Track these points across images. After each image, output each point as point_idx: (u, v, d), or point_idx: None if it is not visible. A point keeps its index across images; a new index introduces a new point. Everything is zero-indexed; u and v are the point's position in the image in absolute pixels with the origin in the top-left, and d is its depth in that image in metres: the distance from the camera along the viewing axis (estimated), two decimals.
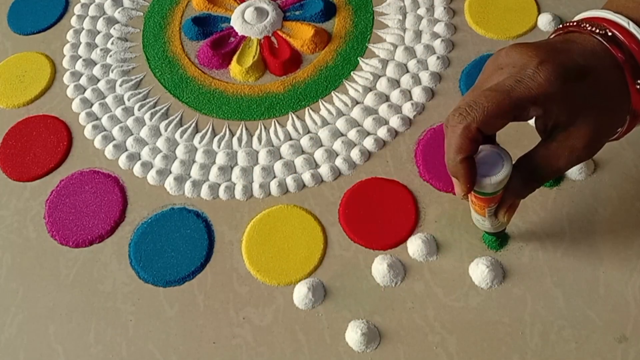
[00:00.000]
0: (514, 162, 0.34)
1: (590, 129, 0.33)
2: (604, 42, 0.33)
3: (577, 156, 0.34)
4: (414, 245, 0.45)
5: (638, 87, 0.33)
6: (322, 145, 0.52)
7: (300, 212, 0.48)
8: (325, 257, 0.46)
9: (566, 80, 0.32)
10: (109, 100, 0.57)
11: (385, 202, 0.48)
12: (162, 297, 0.45)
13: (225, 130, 0.53)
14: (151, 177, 0.51)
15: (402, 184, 0.48)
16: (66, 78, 0.59)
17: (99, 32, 0.62)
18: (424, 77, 0.54)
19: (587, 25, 0.34)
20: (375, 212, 0.47)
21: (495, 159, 0.34)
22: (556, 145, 0.34)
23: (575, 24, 0.35)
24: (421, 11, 0.59)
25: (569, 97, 0.32)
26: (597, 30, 0.34)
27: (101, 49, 0.60)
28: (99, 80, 0.58)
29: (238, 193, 0.49)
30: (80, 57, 0.60)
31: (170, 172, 0.51)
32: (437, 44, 0.56)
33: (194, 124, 0.54)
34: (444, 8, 0.58)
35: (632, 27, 0.33)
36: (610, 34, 0.33)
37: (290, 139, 0.52)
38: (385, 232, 0.46)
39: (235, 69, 0.57)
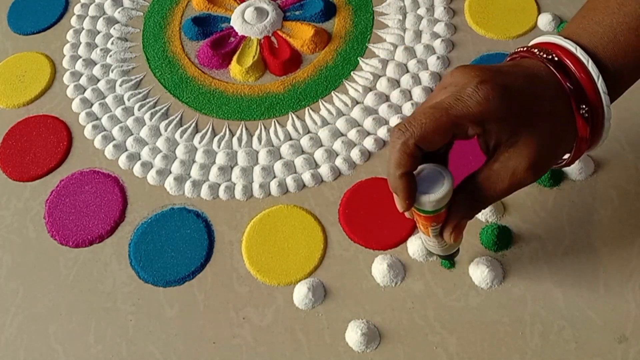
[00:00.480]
0: (462, 182, 0.35)
1: (533, 150, 0.32)
2: (551, 67, 0.33)
3: (519, 179, 0.33)
4: (414, 245, 0.45)
5: (582, 112, 0.33)
6: (322, 145, 0.52)
7: (300, 212, 0.48)
8: (325, 257, 0.46)
9: (506, 99, 0.32)
10: (109, 100, 0.57)
11: (385, 202, 0.47)
12: (162, 297, 0.45)
13: (225, 130, 0.54)
14: (151, 177, 0.51)
15: None
16: (66, 78, 0.59)
17: (99, 32, 0.62)
18: (424, 77, 0.54)
19: (536, 51, 0.34)
20: (375, 212, 0.47)
21: (437, 177, 0.34)
22: (498, 166, 0.33)
23: (526, 49, 0.35)
24: (421, 11, 0.59)
25: (508, 116, 0.32)
26: (545, 55, 0.34)
27: (101, 49, 0.60)
28: (99, 80, 0.58)
29: (238, 193, 0.49)
30: (80, 57, 0.60)
31: (170, 172, 0.51)
32: (437, 44, 0.56)
33: (194, 124, 0.54)
34: (444, 8, 0.58)
35: (579, 52, 0.33)
36: (556, 58, 0.33)
37: (290, 139, 0.52)
38: (385, 232, 0.46)
39: (235, 69, 0.57)
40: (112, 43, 0.61)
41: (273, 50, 0.58)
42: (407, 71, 0.55)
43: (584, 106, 0.33)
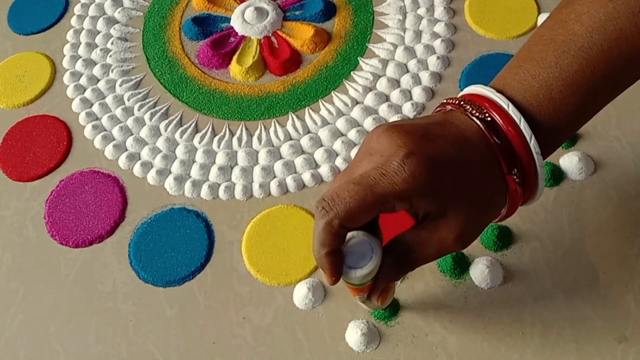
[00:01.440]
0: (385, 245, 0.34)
1: (461, 222, 0.32)
2: (482, 128, 0.32)
3: (446, 247, 0.32)
4: None
5: (514, 176, 0.32)
6: (322, 145, 0.52)
7: (300, 212, 0.48)
8: None
9: (433, 174, 0.31)
10: (109, 100, 0.57)
11: None
12: (162, 297, 0.45)
13: (225, 130, 0.54)
14: (151, 177, 0.51)
15: None
16: (66, 78, 0.59)
17: (99, 32, 0.62)
18: (424, 77, 0.54)
19: (468, 107, 0.33)
20: None
21: (366, 249, 0.33)
22: (426, 235, 0.32)
23: (457, 102, 0.34)
24: (421, 11, 0.59)
25: (436, 190, 0.31)
26: (477, 114, 0.32)
27: (101, 49, 0.60)
28: (99, 80, 0.58)
29: (238, 193, 0.49)
30: (80, 57, 0.60)
31: (170, 172, 0.51)
32: (437, 44, 0.56)
33: (194, 124, 0.54)
34: (444, 8, 0.58)
35: (511, 109, 0.32)
36: (489, 118, 0.32)
37: (290, 139, 0.52)
38: (385, 232, 0.46)
39: (235, 69, 0.57)
40: (112, 43, 0.61)
41: (273, 50, 0.58)
42: (407, 71, 0.55)
43: (515, 170, 0.32)
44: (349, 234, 0.33)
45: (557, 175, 0.47)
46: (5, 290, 0.47)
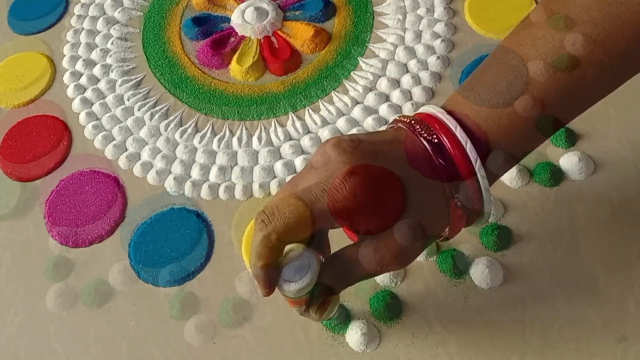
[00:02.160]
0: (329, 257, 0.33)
1: (401, 244, 0.32)
2: (428, 149, 0.32)
3: (385, 265, 0.32)
4: None
5: (457, 200, 0.32)
6: None
7: None
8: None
9: (374, 192, 0.31)
10: (109, 100, 0.57)
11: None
12: (162, 297, 0.45)
13: (225, 130, 0.54)
14: (151, 177, 0.51)
15: None
16: (66, 78, 0.59)
17: (99, 32, 0.62)
18: (424, 77, 0.54)
19: (418, 127, 0.33)
20: None
21: (303, 263, 0.32)
22: (366, 251, 0.32)
23: (408, 121, 0.34)
24: (421, 11, 0.59)
25: (376, 210, 0.31)
26: (425, 134, 0.32)
27: (101, 49, 0.60)
28: (99, 80, 0.58)
29: (238, 193, 0.49)
30: (80, 57, 0.60)
31: (170, 172, 0.51)
32: (437, 44, 0.56)
33: (194, 124, 0.54)
34: (444, 8, 0.58)
35: (458, 132, 0.32)
36: (436, 140, 0.32)
37: (290, 139, 0.52)
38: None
39: (235, 69, 0.57)
40: (112, 43, 0.61)
41: (273, 50, 0.58)
42: (407, 71, 0.55)
43: (458, 194, 0.32)
44: (290, 246, 0.33)
45: (557, 175, 0.47)
46: (5, 290, 0.47)
